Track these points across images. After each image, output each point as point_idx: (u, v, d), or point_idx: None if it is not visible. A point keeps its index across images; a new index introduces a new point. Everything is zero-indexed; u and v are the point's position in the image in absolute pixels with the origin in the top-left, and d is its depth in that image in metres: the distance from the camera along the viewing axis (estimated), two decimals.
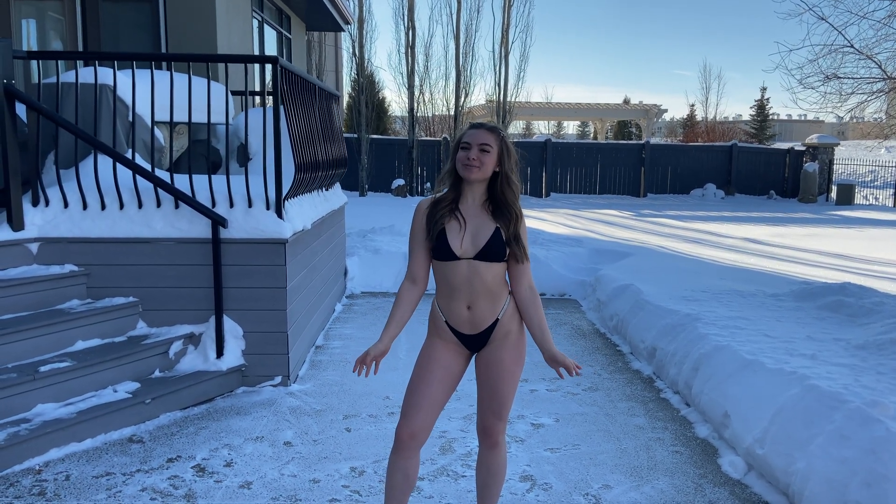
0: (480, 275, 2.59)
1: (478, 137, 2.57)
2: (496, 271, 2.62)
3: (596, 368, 5.49)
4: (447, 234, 2.59)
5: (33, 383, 3.88)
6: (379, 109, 26.59)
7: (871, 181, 24.94)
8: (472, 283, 2.60)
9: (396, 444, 2.68)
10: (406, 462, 2.67)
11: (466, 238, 2.58)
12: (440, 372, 2.69)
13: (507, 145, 2.61)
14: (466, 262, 2.59)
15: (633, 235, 12.27)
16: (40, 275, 4.52)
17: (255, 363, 4.86)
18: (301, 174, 5.09)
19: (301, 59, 13.00)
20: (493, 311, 2.65)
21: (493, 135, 2.58)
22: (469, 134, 2.59)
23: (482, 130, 2.59)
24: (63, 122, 4.56)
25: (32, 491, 3.39)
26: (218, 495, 3.38)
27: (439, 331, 2.73)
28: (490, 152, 2.56)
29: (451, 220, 2.60)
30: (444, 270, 2.63)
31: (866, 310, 5.81)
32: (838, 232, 13.86)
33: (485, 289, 2.61)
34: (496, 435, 2.75)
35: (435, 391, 2.67)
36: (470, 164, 2.55)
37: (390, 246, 9.02)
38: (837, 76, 8.85)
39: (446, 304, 2.68)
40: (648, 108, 31.70)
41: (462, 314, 2.65)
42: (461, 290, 2.62)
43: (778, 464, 3.41)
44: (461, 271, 2.59)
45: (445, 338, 2.72)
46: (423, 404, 2.66)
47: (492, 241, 2.57)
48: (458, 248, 2.58)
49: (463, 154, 2.57)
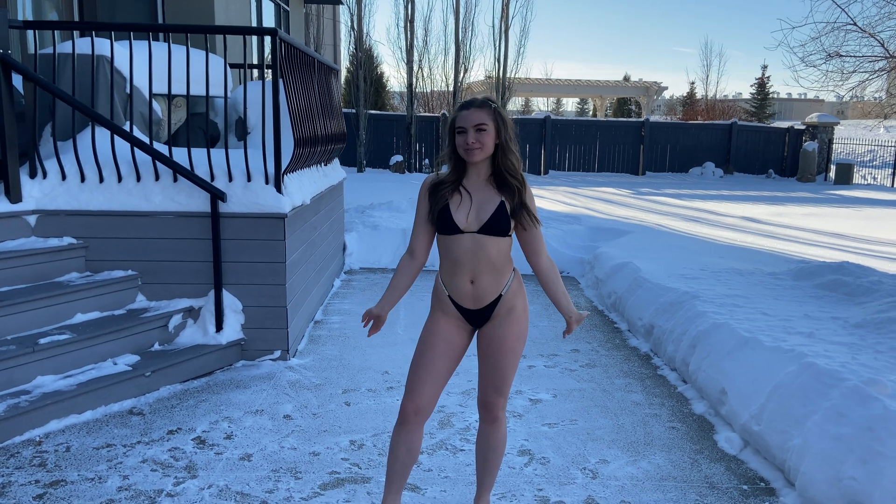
0: (485, 249, 2.58)
1: (472, 118, 2.52)
2: (500, 246, 2.61)
3: (594, 345, 5.51)
4: (451, 208, 2.58)
5: (33, 355, 3.88)
6: (377, 84, 26.41)
7: (870, 161, 24.89)
8: (476, 258, 2.59)
9: (401, 419, 2.68)
10: (410, 436, 2.67)
11: (472, 212, 2.57)
12: (443, 346, 2.69)
13: (501, 116, 2.57)
14: (470, 236, 2.58)
15: (631, 213, 12.26)
16: (38, 247, 4.50)
17: (255, 337, 4.87)
18: (300, 149, 5.06)
19: (299, 32, 12.87)
20: (497, 286, 2.65)
21: (485, 110, 2.53)
22: (462, 116, 2.54)
23: (473, 109, 2.53)
24: (60, 93, 4.51)
25: (33, 462, 3.41)
26: (219, 467, 3.41)
27: (442, 305, 2.73)
28: (487, 130, 2.52)
29: (454, 194, 2.59)
30: (448, 244, 2.62)
31: (864, 289, 5.83)
32: (837, 211, 13.86)
33: (489, 263, 2.60)
34: (497, 410, 2.76)
35: (439, 366, 2.67)
36: (471, 149, 2.53)
37: (388, 222, 9.00)
38: (840, 54, 8.79)
39: (449, 278, 2.67)
40: (648, 86, 31.51)
41: (465, 288, 2.64)
42: (465, 264, 2.61)
43: (774, 440, 3.44)
44: (465, 245, 2.58)
45: (448, 312, 2.72)
46: (427, 379, 2.66)
47: (496, 213, 2.56)
48: (462, 222, 2.57)
49: (461, 139, 2.54)
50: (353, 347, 5.26)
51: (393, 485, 2.75)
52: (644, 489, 3.31)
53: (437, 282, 2.76)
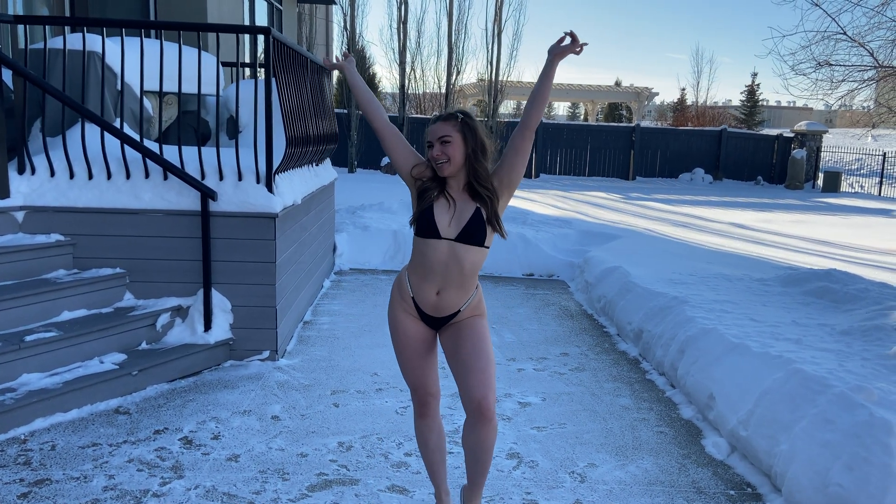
0: (459, 260, 2.60)
1: (436, 132, 2.57)
2: (475, 258, 2.63)
3: (583, 349, 5.52)
4: (435, 211, 2.59)
5: (18, 353, 3.84)
6: (369, 85, 26.32)
7: (858, 169, 25.13)
8: (449, 269, 2.61)
9: (421, 410, 2.83)
10: (433, 421, 2.86)
11: (453, 219, 2.60)
12: (420, 345, 2.79)
13: (468, 125, 2.59)
14: (448, 244, 2.59)
15: (621, 218, 12.30)
16: (26, 244, 4.46)
17: (243, 337, 4.84)
18: (292, 148, 5.04)
19: (292, 32, 12.84)
20: (459, 301, 2.69)
21: (449, 123, 2.57)
22: (430, 131, 2.60)
23: (439, 123, 2.59)
24: (50, 88, 4.47)
25: (18, 460, 3.37)
26: (205, 467, 3.39)
27: (404, 303, 2.77)
28: (452, 141, 2.55)
29: (440, 198, 2.61)
30: (424, 249, 2.63)
31: (851, 296, 5.87)
32: (824, 219, 13.97)
33: (460, 276, 2.63)
34: (490, 407, 2.65)
35: (425, 360, 2.81)
36: (438, 162, 2.56)
37: (379, 223, 8.98)
38: (829, 63, 8.84)
39: (417, 282, 2.71)
40: (640, 91, 31.66)
41: (430, 298, 2.69)
42: (436, 274, 2.63)
43: (761, 446, 3.46)
44: (440, 254, 2.60)
45: (409, 311, 2.77)
46: (422, 373, 2.80)
47: (473, 220, 2.58)
48: (444, 228, 2.59)
49: (430, 153, 2.59)
50: (342, 349, 5.25)
51: (437, 475, 2.93)
52: (632, 493, 3.31)
53: (403, 277, 2.78)
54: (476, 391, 2.63)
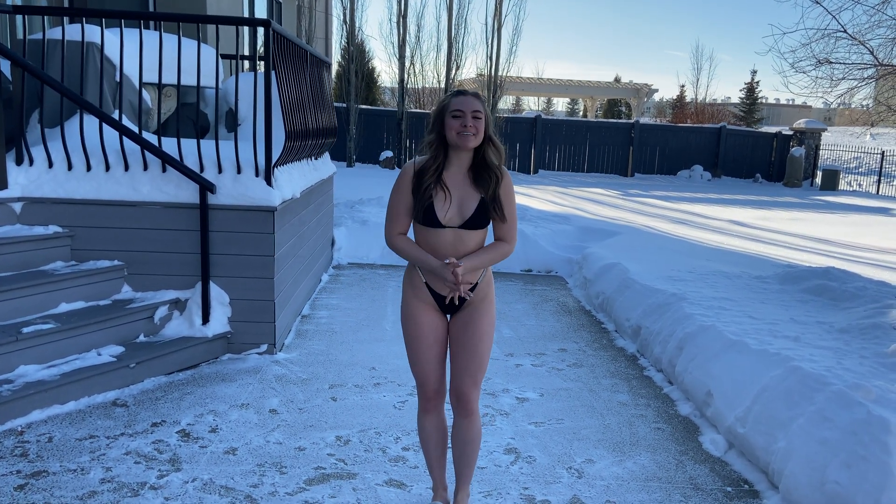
0: (464, 242, 2.67)
1: (469, 104, 2.60)
2: (479, 238, 2.71)
3: (581, 345, 5.52)
4: (435, 205, 2.64)
5: (16, 344, 3.83)
6: (368, 79, 26.26)
7: (856, 167, 25.14)
8: (456, 249, 2.67)
9: (425, 406, 2.86)
10: (437, 418, 2.89)
11: (452, 208, 2.64)
12: (432, 333, 2.79)
13: (487, 110, 2.68)
14: (452, 231, 2.66)
15: (620, 214, 12.30)
16: (23, 235, 4.45)
17: (242, 331, 4.84)
18: (291, 142, 5.03)
19: (291, 25, 12.81)
20: (474, 275, 2.72)
21: (479, 101, 2.65)
22: (459, 101, 2.61)
23: (470, 97, 2.63)
24: (49, 79, 4.45)
25: (15, 452, 3.36)
26: (203, 460, 3.38)
27: (417, 292, 2.78)
28: (481, 118, 2.61)
29: (437, 191, 2.65)
30: (428, 236, 2.69)
31: (849, 294, 5.88)
32: (822, 217, 13.98)
33: (467, 252, 2.68)
34: (472, 402, 2.80)
35: (436, 351, 2.81)
36: (466, 133, 2.58)
37: (378, 217, 8.97)
38: (829, 61, 8.83)
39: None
40: (639, 88, 31.59)
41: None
42: (445, 255, 2.66)
43: (759, 443, 3.46)
44: (446, 238, 2.66)
45: (423, 299, 2.78)
46: (432, 365, 2.81)
47: (478, 210, 2.65)
48: (443, 218, 2.64)
49: (457, 122, 2.59)
50: (340, 343, 5.24)
51: (436, 470, 2.97)
52: (629, 489, 3.32)
53: (412, 270, 2.80)
54: (464, 385, 2.78)
